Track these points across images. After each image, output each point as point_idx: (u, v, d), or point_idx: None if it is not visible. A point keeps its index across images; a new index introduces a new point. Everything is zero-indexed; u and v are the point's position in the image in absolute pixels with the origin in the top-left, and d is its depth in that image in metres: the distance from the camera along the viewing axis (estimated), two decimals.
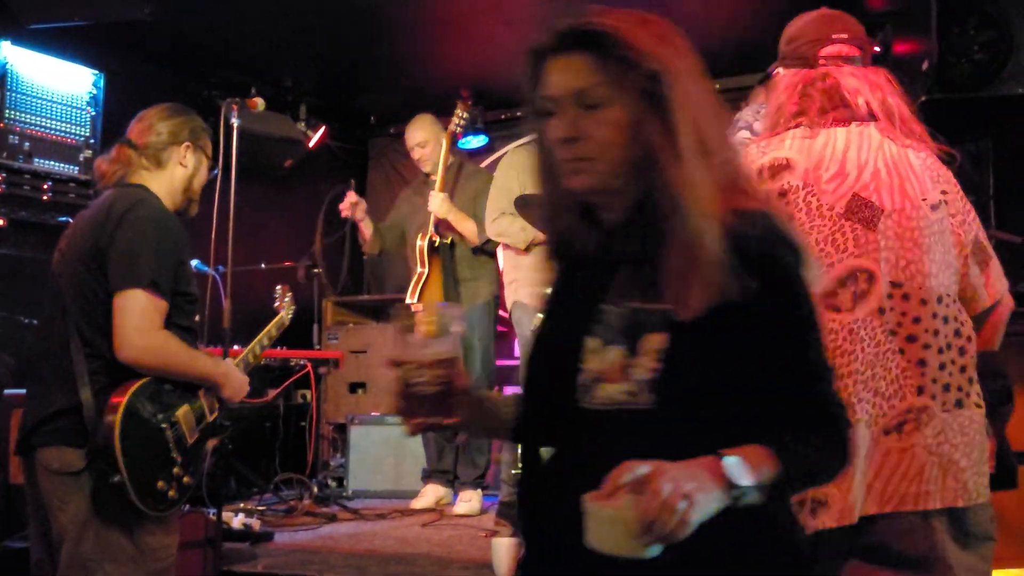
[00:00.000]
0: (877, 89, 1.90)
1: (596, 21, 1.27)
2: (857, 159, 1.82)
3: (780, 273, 1.24)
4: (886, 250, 1.76)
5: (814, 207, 1.79)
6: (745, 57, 5.26)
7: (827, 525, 1.69)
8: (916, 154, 1.87)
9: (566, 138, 1.27)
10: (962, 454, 1.73)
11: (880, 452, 1.70)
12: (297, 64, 5.65)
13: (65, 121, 4.53)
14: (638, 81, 1.23)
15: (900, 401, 1.71)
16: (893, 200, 1.79)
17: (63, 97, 4.51)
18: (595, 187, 1.28)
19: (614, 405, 1.24)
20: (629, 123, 1.24)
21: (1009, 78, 3.95)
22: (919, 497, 1.69)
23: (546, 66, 1.31)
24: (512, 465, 3.91)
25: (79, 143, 4.58)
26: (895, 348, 1.73)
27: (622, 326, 1.27)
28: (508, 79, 5.26)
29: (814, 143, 1.85)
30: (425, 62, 5.51)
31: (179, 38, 5.00)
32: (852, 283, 1.75)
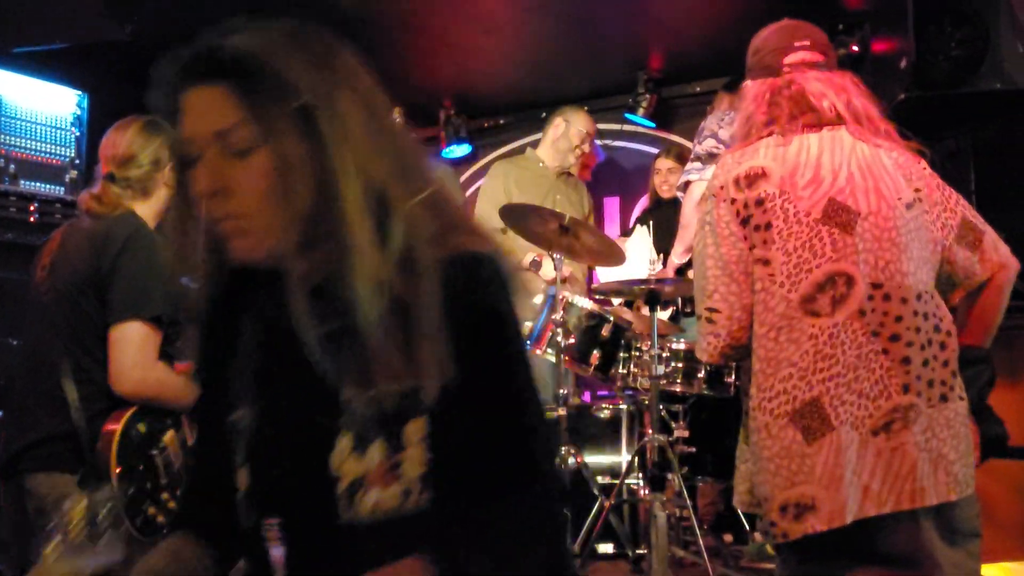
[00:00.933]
0: (842, 91, 1.94)
1: (232, 44, 1.04)
2: (831, 164, 1.85)
3: (488, 332, 1.04)
4: (864, 252, 1.78)
5: (791, 214, 1.81)
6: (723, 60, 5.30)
7: (816, 528, 1.69)
8: (888, 154, 1.89)
9: (210, 191, 1.02)
10: (950, 447, 1.75)
11: (871, 453, 1.71)
12: None
13: (50, 142, 4.52)
14: (290, 117, 1.01)
15: (886, 400, 1.72)
16: (869, 202, 1.81)
17: (48, 118, 4.50)
18: (257, 252, 1.04)
19: (387, 514, 1.02)
20: (284, 170, 1.01)
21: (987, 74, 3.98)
22: (915, 494, 1.70)
23: (181, 102, 1.07)
24: None
25: (64, 164, 4.58)
26: (878, 349, 1.74)
27: (375, 415, 1.03)
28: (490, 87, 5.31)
29: (788, 150, 1.87)
30: (406, 73, 5.51)
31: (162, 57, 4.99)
32: (831, 287, 1.76)
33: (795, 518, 1.71)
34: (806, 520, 1.70)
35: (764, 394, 1.78)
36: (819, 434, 1.71)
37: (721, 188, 1.89)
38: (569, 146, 4.64)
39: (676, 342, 3.57)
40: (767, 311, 1.80)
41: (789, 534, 1.72)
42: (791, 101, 1.93)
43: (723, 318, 1.86)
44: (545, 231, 3.59)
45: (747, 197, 1.84)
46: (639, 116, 5.59)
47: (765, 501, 1.76)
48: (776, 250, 1.80)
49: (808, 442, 1.72)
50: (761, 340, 1.81)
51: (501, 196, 4.46)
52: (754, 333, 1.83)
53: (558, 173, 4.70)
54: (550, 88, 5.55)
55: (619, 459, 3.76)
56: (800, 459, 1.72)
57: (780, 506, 1.73)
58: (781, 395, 1.76)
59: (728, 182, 1.88)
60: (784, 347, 1.77)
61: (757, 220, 1.83)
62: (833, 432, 1.71)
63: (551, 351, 3.61)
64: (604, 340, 3.64)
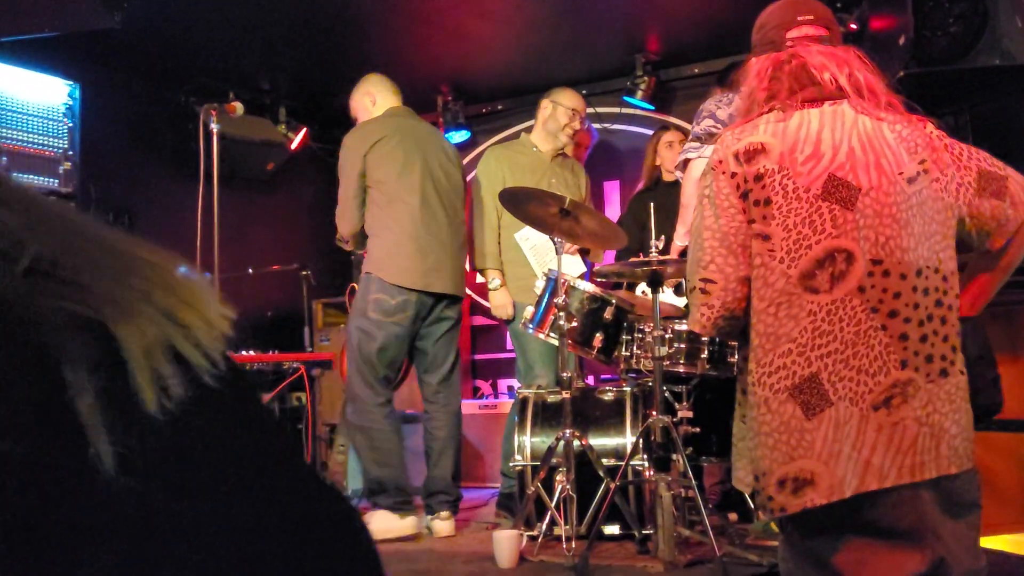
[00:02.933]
0: (844, 64, 1.92)
1: None
2: (832, 139, 1.84)
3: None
4: (865, 228, 1.77)
5: (790, 190, 1.81)
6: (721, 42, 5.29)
7: (816, 503, 1.70)
8: (891, 127, 1.87)
9: None
10: (951, 421, 1.75)
11: (872, 428, 1.71)
12: (274, 67, 5.62)
13: (42, 134, 4.49)
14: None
15: (885, 376, 1.73)
16: (870, 178, 1.80)
17: (39, 109, 4.47)
18: None
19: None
20: None
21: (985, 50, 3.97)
22: (915, 468, 1.70)
23: None
24: (510, 457, 3.92)
25: (58, 155, 4.55)
26: (877, 325, 1.74)
27: None
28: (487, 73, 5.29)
29: (788, 125, 1.87)
30: (403, 59, 5.50)
31: (153, 45, 4.97)
32: (830, 264, 1.76)
33: (793, 492, 1.72)
34: (805, 494, 1.71)
35: (763, 369, 1.79)
36: (818, 409, 1.72)
37: (720, 162, 1.89)
38: (558, 126, 4.63)
39: (679, 323, 3.57)
40: (766, 286, 1.80)
41: (787, 508, 1.73)
42: (792, 75, 1.92)
43: (718, 289, 1.85)
44: (545, 215, 3.58)
45: (746, 172, 1.84)
46: (638, 99, 5.57)
47: (763, 476, 1.77)
48: (776, 226, 1.80)
49: (808, 417, 1.72)
50: (760, 315, 1.81)
51: (497, 183, 4.46)
52: (753, 308, 1.83)
53: (552, 156, 4.69)
54: (548, 72, 5.54)
55: (624, 441, 3.76)
56: (799, 434, 1.73)
57: (778, 480, 1.74)
58: (780, 370, 1.76)
59: (727, 156, 1.88)
60: (783, 323, 1.77)
61: (756, 195, 1.82)
62: (831, 407, 1.72)
63: (554, 335, 3.60)
64: (607, 323, 3.64)
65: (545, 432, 3.86)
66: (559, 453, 3.51)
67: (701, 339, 3.53)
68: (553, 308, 3.59)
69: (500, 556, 3.32)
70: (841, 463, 1.69)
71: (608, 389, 3.98)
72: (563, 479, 3.44)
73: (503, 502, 4.19)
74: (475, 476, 5.34)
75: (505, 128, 6.23)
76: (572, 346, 3.64)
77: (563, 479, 3.44)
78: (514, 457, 3.86)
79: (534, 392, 4.04)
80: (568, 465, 3.44)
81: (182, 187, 4.85)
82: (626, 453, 3.59)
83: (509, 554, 3.32)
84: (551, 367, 4.30)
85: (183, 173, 4.94)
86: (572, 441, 3.47)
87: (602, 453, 3.69)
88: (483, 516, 4.29)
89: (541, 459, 3.67)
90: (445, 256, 4.21)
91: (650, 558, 3.29)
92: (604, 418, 3.85)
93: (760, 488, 1.77)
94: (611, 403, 3.89)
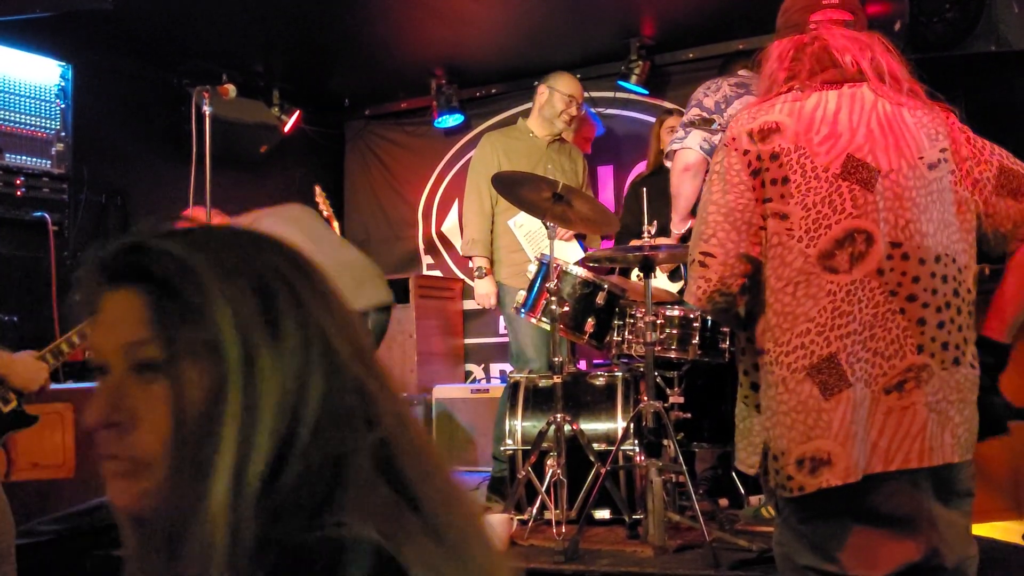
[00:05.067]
0: (866, 48, 1.90)
1: (147, 241, 0.85)
2: (849, 121, 1.82)
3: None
4: (885, 211, 1.76)
5: (808, 169, 1.79)
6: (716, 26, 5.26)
7: (831, 483, 1.70)
8: (912, 112, 1.85)
9: (105, 421, 0.82)
10: (956, 411, 1.75)
11: (882, 411, 1.71)
12: (267, 49, 5.58)
13: (35, 115, 4.48)
14: (199, 347, 0.80)
15: (900, 360, 1.72)
16: (889, 160, 1.79)
17: (31, 90, 4.45)
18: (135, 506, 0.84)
19: None
20: (180, 411, 0.81)
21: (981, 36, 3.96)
22: (923, 454, 1.71)
23: (99, 303, 0.87)
24: (501, 441, 3.92)
25: (50, 136, 4.54)
26: (896, 308, 1.74)
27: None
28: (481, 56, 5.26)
29: (805, 105, 1.85)
30: (396, 42, 5.46)
31: (146, 27, 4.93)
32: (850, 244, 1.75)
33: (811, 472, 1.72)
34: (821, 474, 1.71)
35: (781, 348, 1.78)
36: (836, 390, 1.71)
37: (733, 139, 1.87)
38: (555, 112, 4.61)
39: (671, 309, 3.56)
40: (784, 266, 1.79)
41: (806, 488, 1.72)
42: (813, 57, 1.90)
43: (716, 263, 1.84)
44: (538, 199, 3.57)
45: (760, 150, 1.82)
46: (632, 83, 5.54)
47: (781, 455, 1.76)
48: (795, 204, 1.78)
49: (826, 397, 1.72)
50: (778, 295, 1.79)
51: (492, 168, 4.44)
52: (770, 287, 1.81)
53: (549, 141, 4.67)
54: (542, 56, 5.51)
55: (615, 426, 3.76)
56: (817, 414, 1.72)
57: (797, 459, 1.73)
58: (799, 349, 1.75)
59: (741, 134, 1.86)
60: (801, 302, 1.76)
61: (773, 174, 1.80)
62: (850, 388, 1.71)
63: (546, 319, 3.60)
64: (599, 308, 3.63)
65: (536, 417, 3.86)
66: (550, 438, 3.51)
67: (693, 325, 3.53)
68: (545, 293, 3.58)
69: None
70: (857, 445, 1.70)
71: (599, 374, 3.98)
72: (554, 464, 3.44)
73: (494, 486, 4.19)
74: (466, 460, 5.34)
75: (499, 112, 6.20)
76: (564, 331, 3.63)
77: (554, 464, 3.44)
78: (505, 441, 3.86)
79: (525, 376, 4.04)
80: (559, 450, 3.44)
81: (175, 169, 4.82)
82: (617, 438, 3.59)
83: (499, 538, 3.32)
84: (543, 352, 4.31)
85: (176, 155, 4.90)
86: (563, 426, 3.47)
87: (593, 438, 3.69)
88: None
89: (532, 443, 3.67)
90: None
91: (640, 543, 3.29)
92: (595, 403, 3.85)
93: (779, 467, 1.76)
94: (602, 388, 3.89)
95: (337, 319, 0.86)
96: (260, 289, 0.82)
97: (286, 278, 0.84)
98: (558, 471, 3.41)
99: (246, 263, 0.84)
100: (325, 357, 0.82)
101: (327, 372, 0.82)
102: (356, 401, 0.83)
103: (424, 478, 0.84)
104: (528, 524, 3.48)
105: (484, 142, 4.74)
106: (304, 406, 0.79)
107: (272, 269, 0.84)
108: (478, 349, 6.24)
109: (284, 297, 0.83)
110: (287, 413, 0.79)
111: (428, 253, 6.55)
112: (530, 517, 3.49)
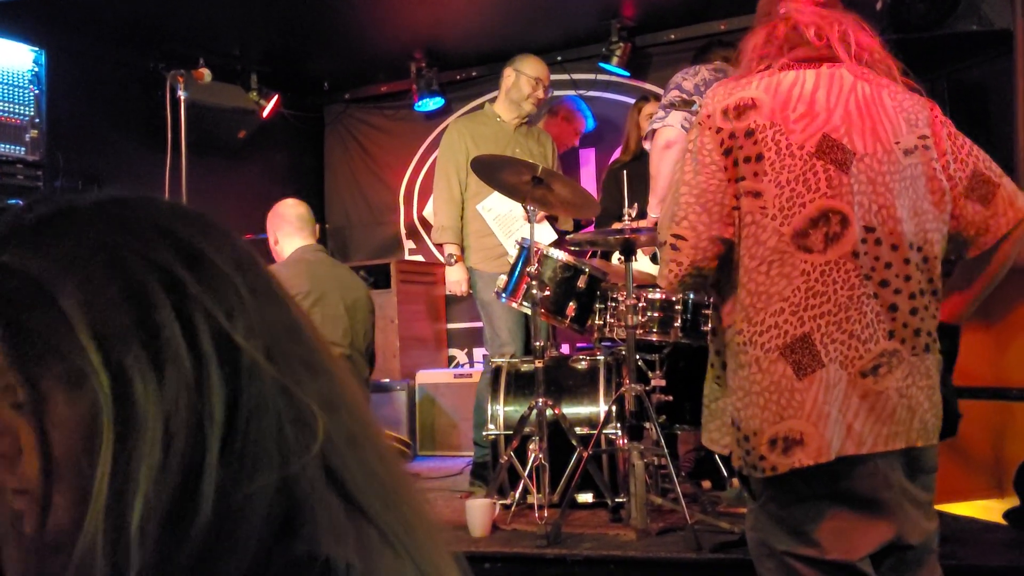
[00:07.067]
0: (835, 23, 1.88)
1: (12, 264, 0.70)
2: (827, 101, 1.80)
3: None
4: (859, 194, 1.74)
5: (783, 146, 1.76)
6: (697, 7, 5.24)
7: (803, 463, 1.69)
8: (892, 95, 1.83)
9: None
10: (925, 396, 1.76)
11: (858, 394, 1.71)
12: (244, 32, 5.52)
13: (8, 101, 4.40)
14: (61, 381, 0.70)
15: (875, 344, 1.72)
16: (865, 143, 1.77)
17: (4, 76, 4.38)
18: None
19: None
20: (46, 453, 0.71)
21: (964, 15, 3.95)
22: (890, 438, 1.71)
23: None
24: (483, 427, 3.91)
25: (24, 123, 4.46)
26: (870, 292, 1.73)
27: None
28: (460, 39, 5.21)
29: (782, 82, 1.83)
30: (376, 24, 5.41)
31: (121, 10, 4.86)
32: (824, 224, 1.73)
33: (783, 452, 1.71)
34: (794, 454, 1.70)
35: (755, 328, 1.76)
36: (810, 370, 1.70)
37: (708, 117, 1.84)
38: (522, 95, 4.58)
39: (652, 292, 3.55)
40: (758, 244, 1.76)
41: (778, 468, 1.71)
42: (784, 37, 1.88)
43: (688, 246, 1.82)
44: (518, 182, 3.54)
45: (735, 128, 1.80)
46: (613, 65, 5.52)
47: (754, 435, 1.75)
48: (768, 182, 1.76)
49: (799, 377, 1.71)
50: (751, 274, 1.77)
51: (460, 155, 4.46)
52: (744, 267, 1.79)
53: (516, 125, 4.65)
54: (522, 38, 5.46)
55: (597, 409, 3.75)
56: (790, 394, 1.71)
57: (770, 439, 1.72)
58: (772, 329, 1.74)
59: (716, 111, 1.83)
60: (775, 281, 1.75)
61: (747, 152, 1.78)
62: (823, 369, 1.70)
63: (527, 304, 3.58)
64: (580, 291, 3.61)
65: (518, 401, 3.84)
66: (532, 422, 3.50)
67: (675, 307, 3.51)
68: (526, 277, 3.56)
69: (473, 525, 3.31)
70: (829, 426, 1.69)
71: (581, 358, 3.96)
72: (536, 448, 3.43)
73: (477, 471, 4.18)
74: (449, 445, 5.33)
75: (480, 95, 6.16)
76: (545, 315, 3.61)
77: (536, 448, 3.43)
78: (487, 426, 3.85)
79: (507, 361, 4.02)
80: (541, 434, 3.43)
81: (151, 155, 4.77)
82: (599, 422, 3.58)
83: (482, 523, 3.31)
84: (518, 336, 4.30)
85: (152, 141, 4.85)
86: (545, 410, 3.46)
87: (575, 422, 3.68)
88: (457, 485, 4.28)
89: (514, 428, 3.66)
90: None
91: (623, 526, 3.29)
92: (577, 387, 3.84)
93: (751, 448, 1.75)
94: (584, 372, 3.88)
95: (248, 305, 0.73)
96: (133, 293, 0.69)
97: (169, 271, 0.70)
98: (540, 455, 3.40)
99: (114, 262, 0.70)
100: (227, 365, 0.69)
101: (232, 382, 0.70)
102: (285, 407, 0.72)
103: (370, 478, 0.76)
104: (511, 508, 3.47)
105: (451, 128, 4.73)
106: (205, 427, 0.68)
107: (150, 263, 0.70)
108: (461, 334, 6.22)
109: (163, 298, 0.69)
110: (180, 441, 0.67)
111: (410, 238, 6.52)
112: (513, 501, 3.48)
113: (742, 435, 1.78)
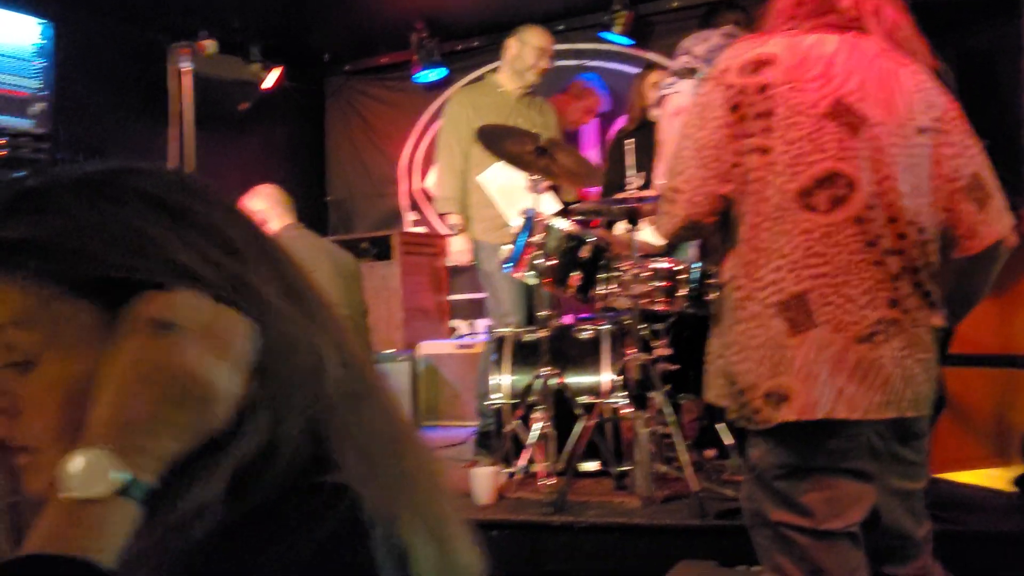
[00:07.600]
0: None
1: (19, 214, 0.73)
2: (844, 66, 1.78)
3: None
4: (867, 160, 1.73)
5: (795, 103, 1.75)
6: None
7: (787, 419, 1.70)
8: (913, 74, 1.81)
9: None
10: (921, 368, 1.75)
11: (852, 359, 1.71)
12: (245, 4, 5.49)
13: (14, 74, 4.39)
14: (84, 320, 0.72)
15: (873, 311, 1.71)
16: (879, 112, 1.75)
17: (10, 49, 4.37)
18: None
19: None
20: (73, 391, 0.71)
21: None
22: (883, 407, 1.71)
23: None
24: (486, 396, 3.93)
25: (31, 96, 4.46)
26: (872, 260, 1.72)
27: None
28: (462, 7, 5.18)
29: (802, 42, 1.81)
30: None
31: None
32: (830, 185, 1.72)
33: (775, 406, 1.72)
34: (780, 409, 1.71)
35: (755, 284, 1.76)
36: (802, 328, 1.71)
37: (723, 72, 1.83)
38: (525, 65, 4.57)
39: (657, 261, 3.54)
40: (762, 201, 1.76)
41: (771, 421, 1.73)
42: (818, 2, 1.86)
43: (683, 199, 1.83)
44: (522, 152, 3.53)
45: (747, 83, 1.78)
46: (615, 34, 5.48)
47: (750, 389, 1.76)
48: (776, 138, 1.75)
49: (792, 334, 1.71)
50: (755, 230, 1.77)
51: (462, 125, 4.45)
52: (748, 223, 1.79)
53: (518, 96, 4.63)
54: (524, 7, 5.42)
55: (601, 379, 3.76)
56: (782, 350, 1.72)
57: (765, 393, 1.73)
58: (771, 285, 1.74)
59: (732, 66, 1.82)
60: (776, 238, 1.74)
61: (758, 108, 1.77)
62: (815, 329, 1.70)
63: (531, 274, 3.57)
64: (584, 261, 3.60)
65: (522, 371, 3.86)
66: (536, 391, 3.51)
67: (679, 277, 3.51)
68: (530, 248, 3.56)
69: (478, 493, 3.33)
70: (818, 386, 1.69)
71: (585, 328, 3.97)
72: (540, 417, 3.45)
73: (481, 440, 4.20)
74: (453, 415, 5.35)
75: (482, 65, 6.11)
76: (549, 285, 3.62)
77: (540, 417, 3.45)
78: (490, 396, 3.87)
79: (511, 331, 4.04)
80: (545, 403, 3.45)
81: (154, 128, 4.77)
82: (603, 391, 3.59)
83: (487, 491, 3.34)
84: (521, 306, 4.32)
85: (155, 113, 4.84)
86: (549, 379, 3.47)
87: (579, 391, 3.69)
88: (461, 454, 4.31)
89: (519, 397, 3.67)
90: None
91: (627, 494, 3.31)
92: (581, 356, 3.85)
93: (746, 401, 1.77)
94: (588, 341, 3.89)
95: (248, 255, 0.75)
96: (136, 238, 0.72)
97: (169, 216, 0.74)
98: (545, 424, 3.42)
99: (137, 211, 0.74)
100: (250, 304, 0.72)
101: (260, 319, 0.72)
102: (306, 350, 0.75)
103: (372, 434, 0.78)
104: (515, 477, 3.49)
105: (452, 99, 4.73)
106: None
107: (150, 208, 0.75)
108: (463, 305, 6.23)
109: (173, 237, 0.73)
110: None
111: (412, 209, 6.51)
112: (518, 470, 3.51)
113: (737, 388, 1.79)
